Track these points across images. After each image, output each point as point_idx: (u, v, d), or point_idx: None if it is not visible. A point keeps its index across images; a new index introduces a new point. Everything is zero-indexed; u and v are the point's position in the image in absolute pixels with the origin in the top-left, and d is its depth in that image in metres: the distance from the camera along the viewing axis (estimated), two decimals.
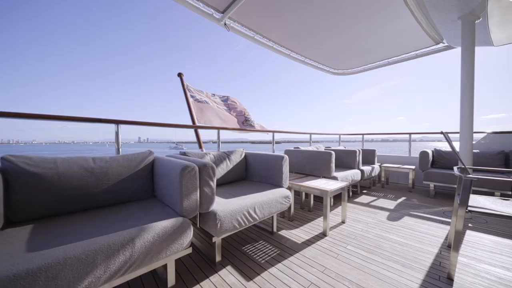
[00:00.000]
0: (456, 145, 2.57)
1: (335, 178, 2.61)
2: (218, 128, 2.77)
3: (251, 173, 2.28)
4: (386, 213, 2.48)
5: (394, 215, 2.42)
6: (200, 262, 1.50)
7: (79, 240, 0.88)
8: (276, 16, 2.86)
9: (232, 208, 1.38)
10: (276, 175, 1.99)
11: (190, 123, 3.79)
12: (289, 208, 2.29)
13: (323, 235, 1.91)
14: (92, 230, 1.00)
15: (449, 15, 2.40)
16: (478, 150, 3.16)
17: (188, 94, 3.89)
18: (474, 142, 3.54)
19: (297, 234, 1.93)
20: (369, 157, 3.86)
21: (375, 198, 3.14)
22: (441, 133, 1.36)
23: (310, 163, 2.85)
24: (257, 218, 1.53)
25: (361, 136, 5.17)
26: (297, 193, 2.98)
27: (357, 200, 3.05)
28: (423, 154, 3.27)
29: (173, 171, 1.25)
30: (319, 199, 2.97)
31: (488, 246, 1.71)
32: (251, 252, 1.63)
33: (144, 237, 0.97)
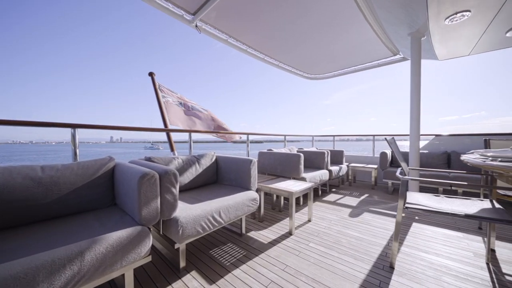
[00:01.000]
0: (407, 146, 2.89)
1: (303, 179, 2.76)
2: (190, 131, 2.74)
3: (221, 177, 2.30)
4: (349, 210, 2.69)
5: (356, 212, 2.64)
6: (164, 268, 1.49)
7: (22, 256, 0.83)
8: (249, 19, 2.92)
9: (195, 214, 1.40)
10: (245, 178, 2.04)
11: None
12: (259, 209, 2.36)
13: (289, 234, 2.02)
14: (38, 245, 0.95)
15: (400, 32, 2.69)
16: (427, 151, 3.59)
17: (160, 94, 3.77)
18: (427, 142, 4.01)
19: (265, 235, 2.01)
20: (338, 157, 4.13)
21: (341, 196, 3.38)
22: (385, 139, 1.54)
23: (281, 165, 2.97)
24: (222, 222, 1.56)
25: (338, 136, 5.46)
26: (269, 194, 3.07)
27: (325, 198, 3.25)
28: (383, 154, 3.60)
29: (132, 179, 1.22)
30: (288, 199, 3.10)
31: (427, 235, 1.97)
32: (217, 255, 1.66)
33: (96, 249, 0.94)
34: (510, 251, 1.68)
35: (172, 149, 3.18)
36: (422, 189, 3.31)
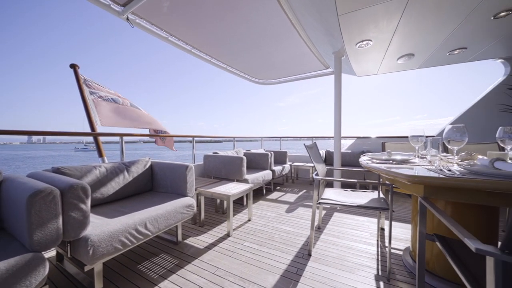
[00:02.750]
0: (332, 146, 3.39)
1: (246, 181, 2.88)
2: (121, 135, 2.47)
3: (157, 184, 2.17)
4: (287, 206, 2.97)
5: (292, 207, 2.93)
6: None
7: None
8: (191, 20, 2.83)
9: (114, 229, 1.29)
10: (181, 184, 1.99)
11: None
12: (200, 213, 2.34)
13: (227, 236, 2.08)
14: None
15: (326, 50, 3.13)
16: (350, 150, 4.30)
17: (86, 90, 3.24)
18: (353, 141, 4.77)
19: (203, 240, 2.01)
20: (282, 157, 4.47)
21: (283, 193, 3.68)
22: (304, 145, 1.78)
23: (225, 168, 3.02)
24: (149, 233, 1.48)
25: (284, 138, 5.86)
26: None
27: (269, 196, 3.47)
28: None
29: (21, 197, 1.03)
30: (235, 200, 3.19)
31: (343, 223, 2.37)
32: (146, 268, 1.57)
33: None
34: (392, 228, 2.20)
35: (100, 155, 2.79)
36: (344, 185, 3.94)
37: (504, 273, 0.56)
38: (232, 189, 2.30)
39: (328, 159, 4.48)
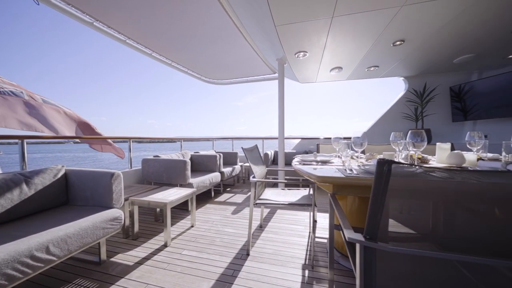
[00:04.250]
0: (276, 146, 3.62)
1: (190, 185, 2.76)
2: (22, 138, 1.97)
3: (74, 196, 1.83)
4: (233, 208, 2.99)
5: (239, 208, 2.97)
6: None
7: None
8: (123, 7, 2.49)
9: None
10: (105, 195, 1.73)
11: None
12: (133, 225, 2.11)
13: (164, 246, 1.94)
14: None
15: (271, 56, 3.31)
16: (295, 150, 4.69)
17: None
18: (299, 141, 5.18)
19: (135, 254, 1.81)
20: (233, 158, 4.49)
21: (233, 194, 3.70)
22: (242, 148, 1.84)
23: (167, 172, 2.81)
24: (53, 259, 1.23)
25: (236, 138, 5.85)
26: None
27: (217, 199, 3.43)
28: (265, 154, 4.32)
29: None
30: (178, 206, 3.00)
31: (284, 219, 2.56)
32: None
33: None
34: (323, 220, 2.51)
35: None
36: (289, 184, 4.27)
37: (365, 255, 0.71)
38: (171, 195, 2.16)
39: (276, 159, 4.76)
